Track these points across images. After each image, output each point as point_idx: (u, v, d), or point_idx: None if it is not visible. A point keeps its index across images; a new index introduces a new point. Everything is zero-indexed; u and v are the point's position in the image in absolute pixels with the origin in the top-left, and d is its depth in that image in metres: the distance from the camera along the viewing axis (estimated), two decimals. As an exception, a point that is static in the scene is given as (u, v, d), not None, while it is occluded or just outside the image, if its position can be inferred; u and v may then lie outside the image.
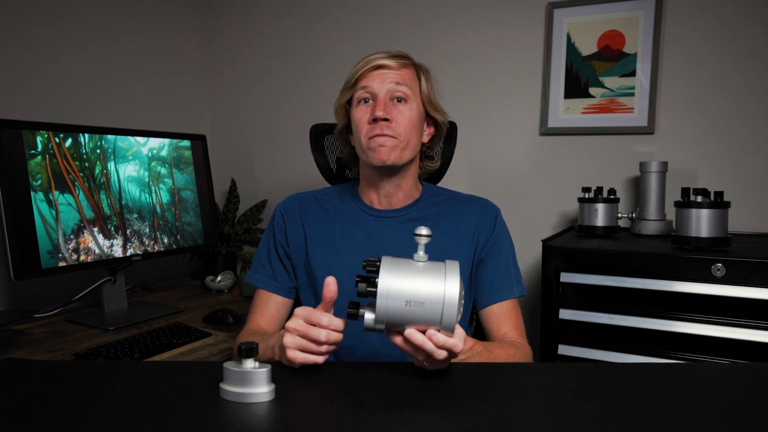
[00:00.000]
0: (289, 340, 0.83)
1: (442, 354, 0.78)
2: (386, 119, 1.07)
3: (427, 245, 0.80)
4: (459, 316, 0.79)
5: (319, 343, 0.82)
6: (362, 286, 0.78)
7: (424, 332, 0.77)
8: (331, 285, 0.83)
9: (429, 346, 0.77)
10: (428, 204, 1.20)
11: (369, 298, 0.78)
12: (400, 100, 1.10)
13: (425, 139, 1.18)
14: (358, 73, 1.11)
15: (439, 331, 0.77)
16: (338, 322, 0.83)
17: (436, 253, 1.13)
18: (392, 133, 1.08)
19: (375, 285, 0.77)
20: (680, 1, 1.71)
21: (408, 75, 1.12)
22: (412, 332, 0.77)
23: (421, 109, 1.14)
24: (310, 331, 0.82)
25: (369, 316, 0.79)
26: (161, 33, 2.19)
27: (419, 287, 0.76)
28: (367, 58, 1.12)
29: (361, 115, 1.11)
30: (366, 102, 1.11)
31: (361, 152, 1.13)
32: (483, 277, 1.16)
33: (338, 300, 1.10)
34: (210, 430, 0.67)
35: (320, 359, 0.83)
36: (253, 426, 0.68)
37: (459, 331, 0.80)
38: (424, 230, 0.79)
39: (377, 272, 0.77)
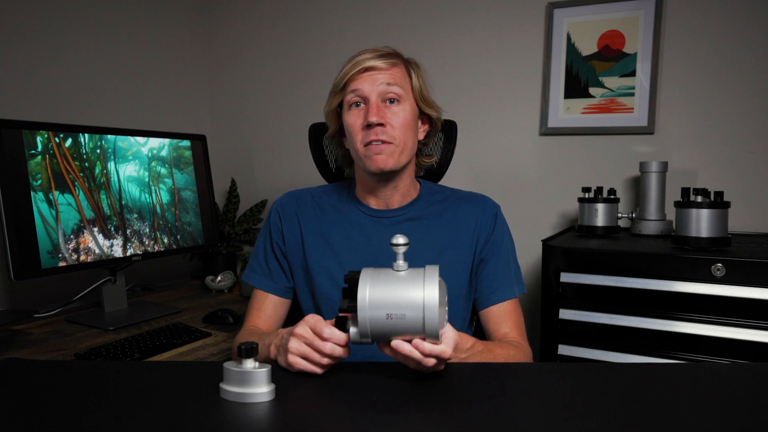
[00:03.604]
0: (293, 345, 0.83)
1: (430, 362, 0.78)
2: (381, 124, 1.05)
3: (408, 252, 0.79)
4: (444, 321, 0.79)
5: (322, 354, 0.81)
6: (344, 302, 0.78)
7: (410, 341, 0.77)
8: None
9: (416, 355, 0.77)
10: (427, 203, 1.18)
11: (352, 313, 0.78)
12: (392, 101, 1.08)
13: (420, 136, 1.16)
14: (347, 76, 1.08)
15: (424, 339, 0.77)
16: (340, 337, 0.81)
17: (435, 253, 1.13)
18: (387, 137, 1.06)
19: (356, 300, 0.76)
20: (680, 1, 1.71)
21: (399, 74, 1.09)
22: (398, 343, 0.77)
23: (415, 108, 1.12)
24: (316, 341, 0.82)
25: (354, 330, 0.79)
26: (161, 33, 2.19)
27: (398, 298, 0.75)
28: (354, 60, 1.08)
29: (353, 119, 1.08)
30: (357, 106, 1.08)
31: (356, 158, 1.11)
32: (483, 277, 1.15)
33: (338, 300, 1.10)
34: (210, 430, 0.67)
35: (318, 370, 0.82)
36: (253, 426, 0.68)
37: (448, 335, 0.79)
38: (401, 239, 0.78)
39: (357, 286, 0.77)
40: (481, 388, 0.82)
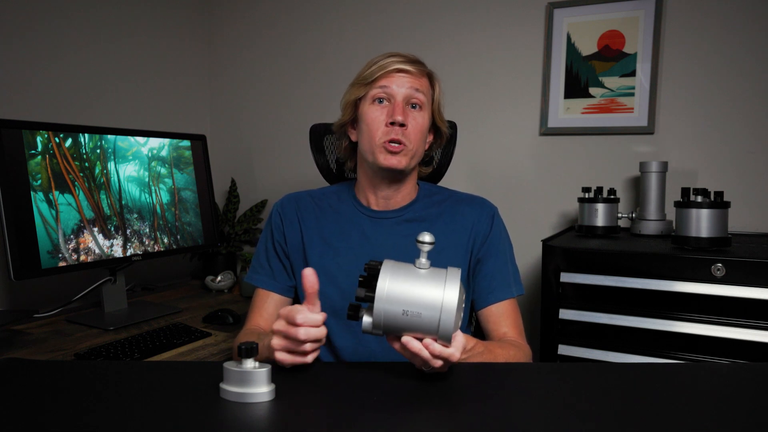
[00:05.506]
0: (275, 342, 0.83)
1: (438, 363, 0.78)
2: (403, 125, 1.08)
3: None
4: (458, 325, 0.78)
5: (298, 341, 0.81)
6: (361, 291, 0.77)
7: (421, 339, 0.77)
8: (310, 276, 0.82)
9: (425, 354, 0.77)
10: (425, 204, 1.19)
11: (367, 303, 0.77)
12: (415, 106, 1.11)
13: (425, 146, 1.19)
14: (378, 73, 1.10)
15: (436, 340, 0.77)
16: (315, 317, 0.81)
17: (432, 254, 1.13)
18: (406, 140, 1.09)
19: (374, 290, 0.76)
20: (680, 1, 1.71)
21: (425, 83, 1.13)
22: (408, 340, 0.77)
23: (430, 119, 1.15)
24: (290, 330, 0.81)
25: (367, 320, 0.78)
26: (161, 33, 2.19)
27: (417, 296, 0.75)
28: (386, 60, 1.11)
29: (376, 114, 1.10)
30: (381, 102, 1.11)
31: (368, 151, 1.12)
32: (481, 277, 1.15)
33: (337, 300, 1.11)
34: (210, 430, 0.67)
35: (307, 359, 0.82)
36: (253, 426, 0.68)
37: (458, 338, 0.79)
38: (427, 237, 0.78)
39: (377, 276, 0.76)
40: (481, 388, 0.82)
